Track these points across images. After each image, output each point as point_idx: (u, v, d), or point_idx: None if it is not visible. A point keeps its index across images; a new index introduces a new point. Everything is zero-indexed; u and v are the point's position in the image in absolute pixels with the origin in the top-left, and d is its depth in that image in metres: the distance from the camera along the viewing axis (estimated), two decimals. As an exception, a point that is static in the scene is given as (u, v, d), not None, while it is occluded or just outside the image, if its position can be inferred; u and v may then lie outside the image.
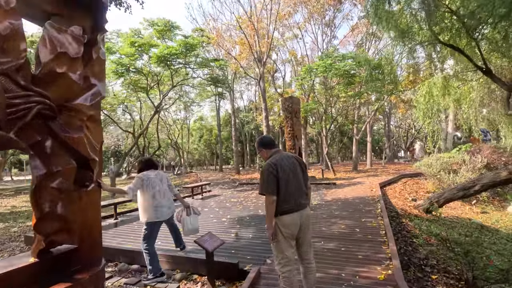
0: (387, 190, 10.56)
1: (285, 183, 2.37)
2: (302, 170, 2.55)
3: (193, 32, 12.36)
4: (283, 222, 2.37)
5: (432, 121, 9.69)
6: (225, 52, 18.88)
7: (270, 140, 2.64)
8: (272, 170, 2.36)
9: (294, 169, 2.47)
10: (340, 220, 5.57)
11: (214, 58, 13.89)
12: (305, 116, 20.20)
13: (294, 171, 2.45)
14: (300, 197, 2.45)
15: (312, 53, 24.80)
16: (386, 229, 4.65)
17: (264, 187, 2.37)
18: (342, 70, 12.98)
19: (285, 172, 2.39)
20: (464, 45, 7.44)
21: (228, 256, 3.90)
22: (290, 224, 2.38)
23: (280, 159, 2.45)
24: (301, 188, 2.48)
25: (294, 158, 2.56)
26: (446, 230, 4.40)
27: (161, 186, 3.54)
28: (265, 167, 2.43)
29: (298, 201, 2.42)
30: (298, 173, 2.48)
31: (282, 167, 2.39)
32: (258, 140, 2.68)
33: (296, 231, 2.42)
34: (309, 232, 2.53)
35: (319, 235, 4.67)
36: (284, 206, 2.37)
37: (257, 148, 2.69)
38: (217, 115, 29.04)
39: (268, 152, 2.58)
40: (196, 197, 9.70)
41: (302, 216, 2.43)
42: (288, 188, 2.38)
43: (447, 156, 10.97)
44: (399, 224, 6.33)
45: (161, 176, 3.65)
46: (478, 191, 6.94)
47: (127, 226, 5.98)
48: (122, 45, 11.93)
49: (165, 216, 3.58)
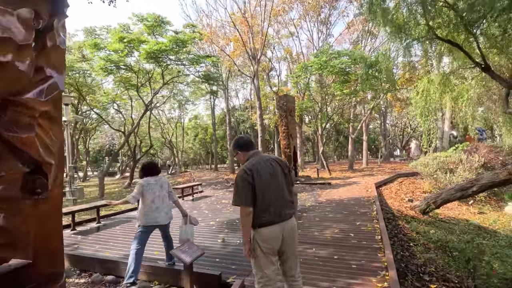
0: (383, 190, 10.33)
1: (262, 190, 2.07)
2: (284, 174, 2.24)
3: (184, 28, 11.99)
4: (262, 236, 2.07)
5: (428, 119, 9.46)
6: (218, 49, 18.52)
7: (247, 141, 2.33)
8: (246, 176, 2.06)
9: (274, 173, 2.16)
10: (334, 224, 5.30)
11: (206, 55, 13.52)
12: (301, 115, 19.94)
13: (274, 176, 2.15)
14: (282, 206, 2.14)
15: (308, 51, 24.50)
16: (382, 234, 4.38)
17: (237, 197, 2.07)
18: (338, 68, 12.72)
19: (263, 177, 2.08)
20: (462, 41, 7.20)
21: (211, 265, 3.60)
22: (270, 238, 2.07)
23: (257, 163, 2.15)
24: (283, 195, 2.17)
25: (274, 160, 2.25)
26: (445, 235, 4.14)
27: (160, 191, 3.50)
28: (239, 173, 2.13)
29: (279, 211, 2.11)
30: (279, 178, 2.18)
31: (259, 172, 2.09)
32: (233, 141, 2.37)
33: (277, 246, 2.11)
34: (294, 245, 2.22)
35: (311, 240, 4.38)
36: (262, 218, 2.06)
37: (233, 151, 2.38)
38: (212, 113, 28.65)
39: (245, 155, 2.28)
40: (187, 198, 9.37)
41: (284, 228, 2.12)
42: (267, 196, 2.08)
43: (443, 156, 10.77)
44: (395, 226, 6.08)
45: (162, 182, 3.58)
46: (477, 192, 6.72)
47: (109, 230, 5.64)
48: (111, 41, 11.51)
49: (161, 220, 3.48)
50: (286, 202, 2.17)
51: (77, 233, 5.49)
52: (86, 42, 12.07)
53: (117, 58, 12.04)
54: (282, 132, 14.43)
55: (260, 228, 2.07)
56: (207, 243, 4.54)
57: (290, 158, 14.13)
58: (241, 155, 2.30)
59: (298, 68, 14.77)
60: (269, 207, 2.07)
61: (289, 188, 2.27)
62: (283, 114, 14.27)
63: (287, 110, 14.19)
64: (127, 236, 5.14)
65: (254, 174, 2.06)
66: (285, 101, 14.25)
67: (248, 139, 2.36)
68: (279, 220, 2.10)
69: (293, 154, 14.41)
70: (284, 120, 14.24)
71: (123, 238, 5.05)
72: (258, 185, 2.05)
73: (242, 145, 2.30)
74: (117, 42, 10.84)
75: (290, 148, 14.20)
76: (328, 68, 13.01)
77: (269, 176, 2.11)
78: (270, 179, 2.11)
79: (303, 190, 10.20)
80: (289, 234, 2.15)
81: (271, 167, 2.17)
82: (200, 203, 8.57)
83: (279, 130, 15.45)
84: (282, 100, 14.40)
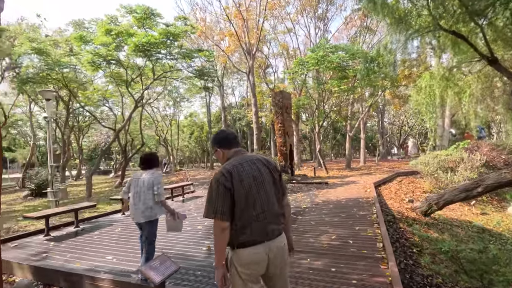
0: (382, 190, 9.94)
1: (244, 200, 1.62)
2: (273, 180, 1.77)
3: (175, 21, 11.45)
4: (241, 259, 1.63)
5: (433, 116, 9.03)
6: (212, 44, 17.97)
7: (228, 135, 1.86)
8: (224, 180, 1.61)
9: (261, 178, 1.71)
10: (331, 228, 4.88)
11: (198, 49, 13.00)
12: (297, 112, 19.50)
13: (260, 182, 1.69)
14: (269, 221, 1.69)
15: (305, 48, 24.06)
16: (384, 241, 3.96)
17: (210, 207, 1.62)
18: (335, 63, 12.27)
19: (245, 183, 1.64)
20: (467, 33, 6.79)
21: (191, 280, 3.16)
22: (252, 262, 1.63)
23: (239, 164, 1.70)
24: (271, 207, 1.71)
25: (262, 162, 1.79)
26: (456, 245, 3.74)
27: (140, 188, 3.34)
28: (215, 175, 1.68)
29: (265, 226, 1.66)
30: (266, 185, 1.72)
31: (241, 176, 1.64)
32: (213, 136, 1.91)
33: (261, 271, 1.67)
34: (284, 270, 1.77)
35: (306, 249, 3.95)
36: (242, 235, 1.62)
37: (212, 147, 1.92)
38: (207, 111, 28.13)
39: (226, 153, 1.83)
40: (177, 199, 8.90)
41: (271, 249, 1.67)
42: (250, 207, 1.63)
43: (444, 154, 10.40)
44: (396, 230, 5.67)
45: (146, 178, 3.35)
46: (482, 193, 6.34)
47: (87, 236, 5.17)
48: (97, 33, 10.95)
49: (135, 218, 3.32)
50: (274, 216, 1.72)
51: (51, 239, 5.02)
52: (72, 35, 11.49)
53: (105, 52, 11.49)
54: (278, 129, 14.00)
55: (240, 249, 1.63)
56: (190, 251, 4.10)
57: (286, 157, 13.72)
58: (221, 152, 1.84)
59: (295, 64, 14.31)
60: (251, 222, 1.63)
61: (279, 197, 1.81)
62: (279, 111, 13.83)
63: (283, 107, 13.75)
64: (105, 243, 4.68)
65: (234, 178, 1.62)
66: (281, 97, 13.81)
67: (231, 133, 1.90)
68: (264, 239, 1.65)
69: (289, 152, 13.99)
70: (280, 117, 13.80)
71: (99, 245, 4.60)
72: (239, 192, 1.61)
73: (222, 140, 1.85)
74: (103, 35, 10.30)
75: (286, 146, 13.77)
76: (325, 64, 12.56)
77: (253, 181, 1.67)
78: (255, 185, 1.67)
79: (299, 190, 9.79)
80: (277, 256, 1.70)
81: (256, 170, 1.72)
82: (190, 204, 8.12)
83: (275, 127, 15.01)
84: (278, 96, 13.95)
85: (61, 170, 23.77)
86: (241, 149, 1.86)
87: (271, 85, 22.33)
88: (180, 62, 13.38)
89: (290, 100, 14.96)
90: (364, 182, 10.77)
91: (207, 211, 1.64)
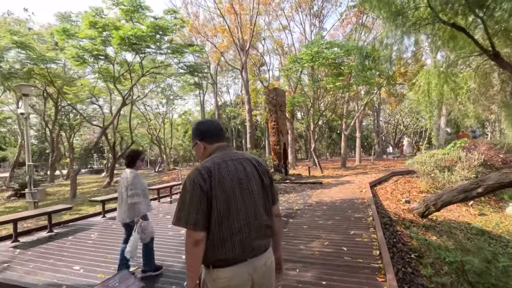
0: (378, 190, 9.65)
1: (225, 206, 1.30)
2: (263, 185, 1.45)
3: (165, 14, 10.98)
4: (218, 281, 1.29)
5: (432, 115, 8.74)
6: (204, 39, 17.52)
7: (212, 126, 1.51)
8: (201, 181, 1.28)
9: (247, 182, 1.39)
10: (324, 233, 4.52)
11: (188, 44, 12.54)
12: (292, 110, 19.17)
13: (246, 186, 1.38)
14: (255, 234, 1.36)
15: (301, 45, 23.75)
16: (380, 249, 3.62)
17: (182, 213, 1.28)
18: (330, 59, 11.93)
19: (228, 186, 1.32)
20: (466, 27, 6.47)
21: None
22: (231, 286, 1.29)
23: (222, 161, 1.38)
24: (258, 217, 1.39)
25: (250, 162, 1.46)
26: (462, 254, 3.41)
27: (121, 187, 3.26)
28: (190, 174, 1.33)
29: (249, 241, 1.34)
30: (254, 190, 1.40)
31: (222, 177, 1.32)
32: (194, 125, 1.54)
33: None
34: None
35: (295, 257, 3.59)
36: (221, 251, 1.29)
37: (192, 139, 1.55)
38: (201, 109, 27.70)
39: (208, 148, 1.48)
40: (164, 200, 8.48)
41: (255, 269, 1.34)
42: (232, 216, 1.31)
43: (441, 153, 10.13)
44: (393, 234, 5.34)
45: (124, 179, 3.24)
46: (482, 194, 6.05)
47: (59, 242, 4.74)
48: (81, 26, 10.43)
49: (117, 219, 3.30)
50: (261, 228, 1.39)
51: (18, 246, 4.58)
52: (54, 28, 10.95)
53: (91, 47, 10.98)
54: (271, 128, 13.64)
55: (216, 269, 1.29)
56: (168, 261, 3.70)
57: (280, 156, 13.37)
58: (202, 147, 1.48)
59: (289, 60, 13.94)
60: (233, 235, 1.30)
61: (269, 206, 1.47)
62: (273, 108, 13.47)
63: (277, 105, 13.39)
64: (76, 250, 4.26)
65: (214, 178, 1.30)
66: (274, 95, 13.45)
67: (217, 124, 1.54)
68: (248, 256, 1.32)
69: (283, 151, 13.65)
70: (274, 115, 13.44)
71: (70, 252, 4.17)
72: (219, 197, 1.29)
73: (205, 132, 1.49)
74: (88, 28, 9.78)
75: (280, 145, 13.42)
76: (320, 60, 12.21)
77: (238, 184, 1.35)
78: (240, 189, 1.35)
79: (293, 190, 9.44)
80: (263, 276, 1.37)
81: (243, 171, 1.39)
82: (178, 205, 7.71)
83: (268, 126, 14.64)
84: (272, 94, 13.58)
85: (50, 169, 23.19)
86: (225, 144, 1.50)
87: (265, 83, 21.96)
88: (170, 58, 12.90)
89: (284, 98, 14.60)
90: (360, 182, 10.47)
91: (177, 218, 1.28)
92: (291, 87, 18.50)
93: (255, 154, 12.52)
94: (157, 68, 13.43)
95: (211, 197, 1.27)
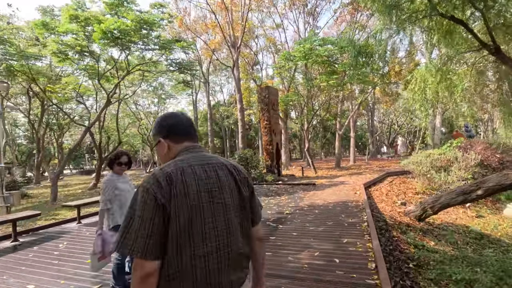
0: (373, 191, 9.32)
1: (188, 226, 0.95)
2: (241, 199, 1.10)
3: (151, 8, 10.49)
4: None
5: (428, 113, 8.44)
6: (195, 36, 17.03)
7: (181, 122, 1.16)
8: (155, 191, 0.94)
9: (219, 192, 1.04)
10: (315, 242, 4.13)
11: (175, 39, 12.04)
12: (286, 109, 18.82)
13: (216, 198, 1.03)
14: (226, 265, 1.01)
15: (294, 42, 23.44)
16: (377, 261, 3.24)
17: (128, 236, 0.93)
18: (323, 57, 11.58)
19: (192, 198, 0.97)
20: (465, 20, 6.16)
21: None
22: None
23: (188, 165, 1.03)
24: (233, 241, 1.04)
25: (227, 169, 1.11)
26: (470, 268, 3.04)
27: None
28: (144, 183, 0.98)
29: (219, 275, 0.99)
30: (228, 204, 1.05)
31: (187, 187, 0.98)
32: (157, 120, 1.18)
33: None
34: None
35: (281, 271, 3.18)
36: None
37: (153, 137, 1.20)
38: (193, 109, 27.16)
39: (173, 148, 1.13)
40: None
41: None
42: (196, 240, 0.96)
43: (437, 153, 9.86)
44: (389, 240, 4.98)
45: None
46: (482, 196, 5.74)
47: (23, 253, 4.26)
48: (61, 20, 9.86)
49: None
50: (235, 257, 1.04)
51: (-27, 259, 4.09)
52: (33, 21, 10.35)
53: (73, 42, 10.42)
54: (263, 127, 13.25)
55: None
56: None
57: (273, 156, 12.99)
58: (165, 146, 1.13)
59: (281, 58, 13.56)
60: (195, 266, 0.95)
61: (247, 225, 1.12)
62: (265, 107, 13.08)
63: (269, 103, 13.01)
64: (38, 263, 3.79)
65: (175, 188, 0.96)
66: (267, 93, 13.06)
67: (185, 119, 1.18)
68: None
69: (276, 151, 13.27)
70: (266, 114, 13.06)
71: (30, 266, 3.70)
72: (180, 213, 0.94)
73: (170, 127, 1.14)
74: (68, 21, 9.24)
75: (273, 145, 13.05)
76: (313, 57, 11.86)
77: (207, 196, 1.01)
78: (209, 203, 1.00)
79: (284, 192, 9.05)
80: None
81: (215, 178, 1.05)
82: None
83: (260, 125, 14.26)
84: (264, 92, 13.20)
85: (36, 170, 22.42)
86: (195, 145, 1.13)
87: (259, 82, 21.57)
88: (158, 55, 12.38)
89: (277, 96, 14.23)
90: (354, 183, 10.14)
91: (120, 242, 0.93)
92: (285, 86, 18.14)
93: (247, 154, 12.10)
94: (145, 65, 12.90)
95: (169, 213, 0.92)
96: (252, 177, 11.86)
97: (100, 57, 11.79)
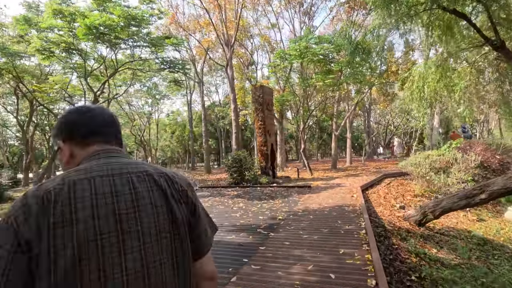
0: (370, 194, 8.99)
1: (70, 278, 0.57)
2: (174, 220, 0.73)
3: (140, 4, 10.06)
4: None
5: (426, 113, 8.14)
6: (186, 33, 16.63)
7: (87, 118, 0.79)
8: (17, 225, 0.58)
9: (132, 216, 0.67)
10: (308, 253, 3.76)
11: (165, 36, 11.62)
12: (281, 110, 18.48)
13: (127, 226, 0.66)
14: None
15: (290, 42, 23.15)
16: (377, 277, 2.87)
17: None
18: (319, 55, 11.26)
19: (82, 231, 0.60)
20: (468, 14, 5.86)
21: None
22: None
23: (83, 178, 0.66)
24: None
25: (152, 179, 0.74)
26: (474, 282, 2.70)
27: None
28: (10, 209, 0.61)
29: None
30: (149, 233, 0.68)
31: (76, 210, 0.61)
32: (59, 119, 0.82)
33: None
34: None
35: (270, 290, 2.80)
36: None
37: (53, 138, 0.84)
38: (188, 109, 26.73)
39: (77, 155, 0.77)
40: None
41: None
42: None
43: (436, 154, 9.57)
44: (389, 248, 4.63)
45: None
46: (486, 200, 5.41)
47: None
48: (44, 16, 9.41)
49: None
50: None
51: None
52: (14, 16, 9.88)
53: (58, 38, 9.97)
54: (258, 128, 12.88)
55: None
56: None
57: (267, 157, 12.61)
58: (67, 152, 0.78)
59: (276, 56, 13.21)
60: None
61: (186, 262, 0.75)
62: (259, 107, 12.71)
63: (264, 103, 12.64)
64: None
65: (55, 213, 0.60)
66: (261, 93, 12.69)
67: (96, 114, 0.81)
68: None
69: (271, 152, 12.89)
70: (260, 114, 12.68)
71: None
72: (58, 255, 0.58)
73: (69, 127, 0.79)
74: (51, 17, 8.79)
75: (267, 146, 12.67)
76: (309, 56, 11.52)
77: (111, 223, 0.64)
78: (113, 233, 0.64)
79: (278, 195, 8.68)
80: None
81: (126, 195, 0.68)
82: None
83: (255, 125, 13.88)
84: (258, 92, 12.82)
85: (24, 172, 21.79)
86: (112, 149, 0.77)
87: (254, 82, 21.21)
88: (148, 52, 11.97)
89: (272, 96, 13.87)
90: (351, 185, 9.80)
91: None
92: (280, 86, 17.81)
93: (241, 155, 11.72)
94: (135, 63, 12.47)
95: (37, 256, 0.58)
96: (246, 179, 11.46)
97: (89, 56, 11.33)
